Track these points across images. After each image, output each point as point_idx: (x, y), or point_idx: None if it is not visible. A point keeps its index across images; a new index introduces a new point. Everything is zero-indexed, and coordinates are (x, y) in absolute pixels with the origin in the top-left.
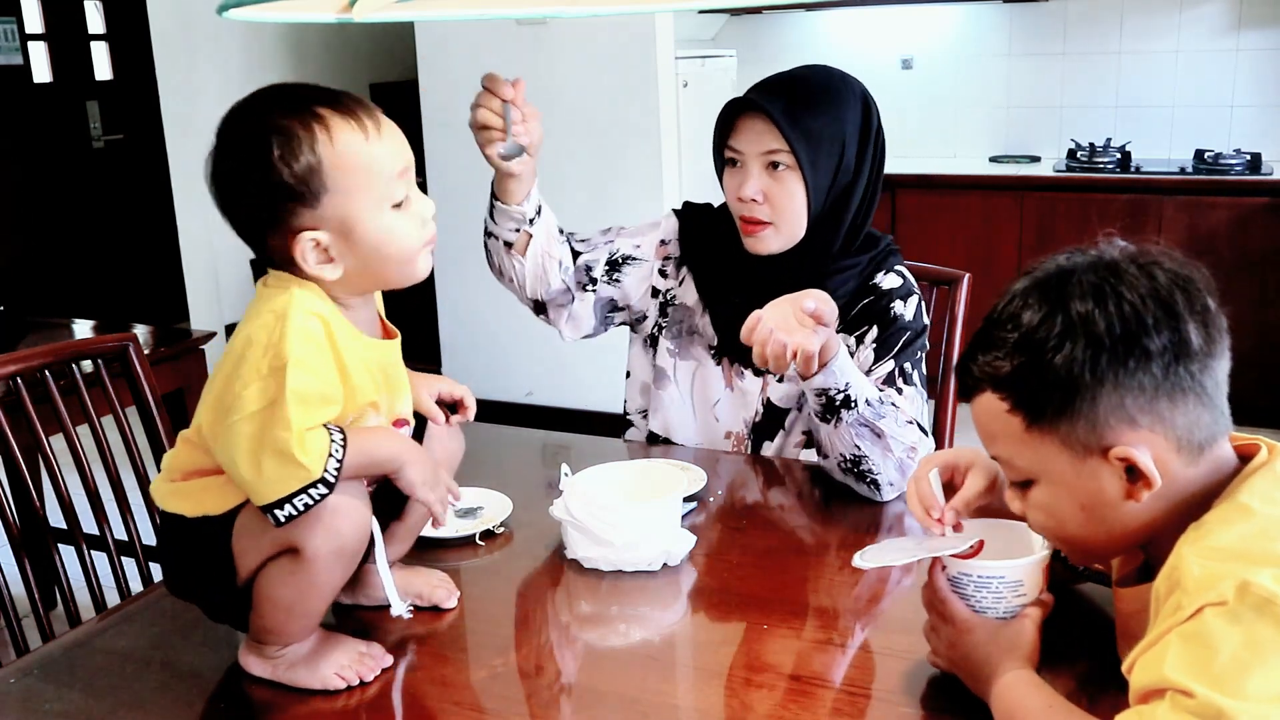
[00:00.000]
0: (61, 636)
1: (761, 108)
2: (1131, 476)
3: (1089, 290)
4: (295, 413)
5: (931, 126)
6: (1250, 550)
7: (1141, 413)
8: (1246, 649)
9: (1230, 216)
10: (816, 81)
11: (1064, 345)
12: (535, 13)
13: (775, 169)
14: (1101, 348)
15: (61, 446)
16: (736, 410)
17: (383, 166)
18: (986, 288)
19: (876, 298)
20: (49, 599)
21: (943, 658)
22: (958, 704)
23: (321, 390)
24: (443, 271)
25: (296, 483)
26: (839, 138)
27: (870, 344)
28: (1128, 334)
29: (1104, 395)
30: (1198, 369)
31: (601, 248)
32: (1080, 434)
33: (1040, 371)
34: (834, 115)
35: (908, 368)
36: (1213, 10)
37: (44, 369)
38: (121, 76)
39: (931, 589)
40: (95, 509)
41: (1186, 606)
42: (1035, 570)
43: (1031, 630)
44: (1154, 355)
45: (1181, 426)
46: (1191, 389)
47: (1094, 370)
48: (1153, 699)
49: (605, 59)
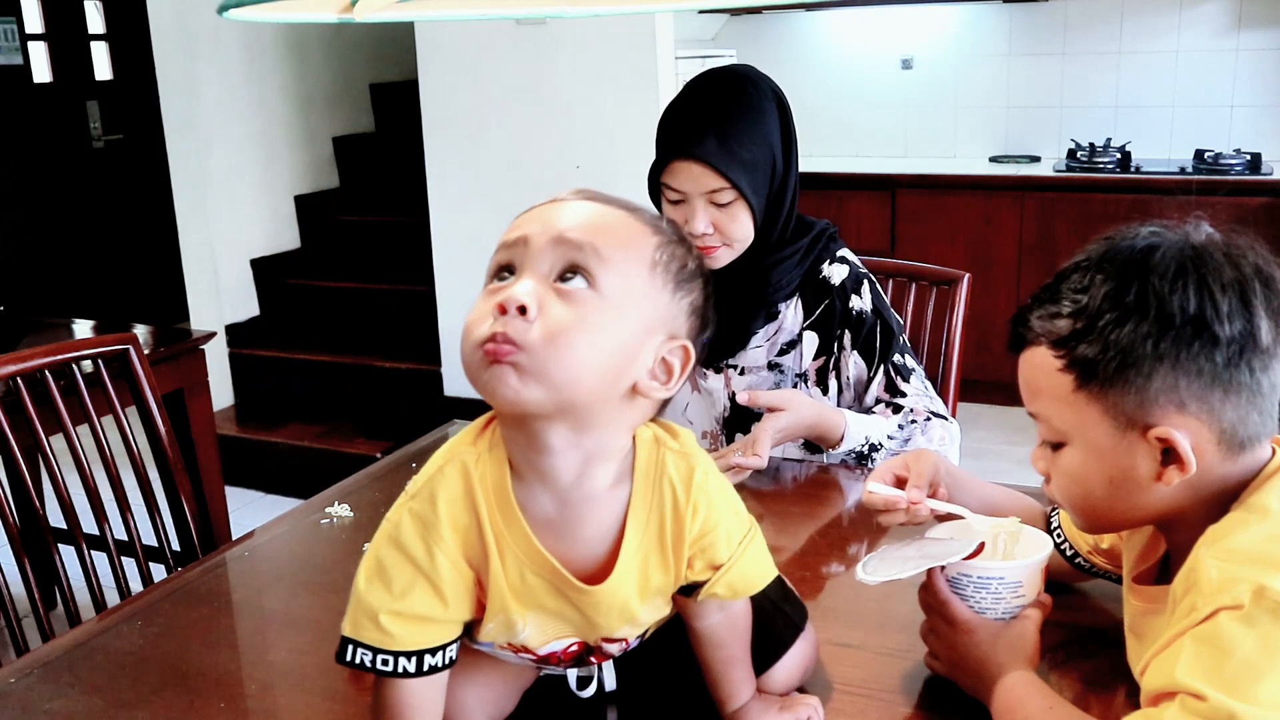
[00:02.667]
0: (61, 636)
1: (696, 156)
2: (1166, 459)
3: (1171, 268)
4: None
5: (931, 126)
6: (1267, 554)
7: (1193, 398)
8: (1260, 653)
9: (1230, 216)
10: (737, 103)
11: (1133, 317)
12: (535, 13)
13: (720, 204)
14: (1170, 325)
15: (61, 446)
16: (706, 410)
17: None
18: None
19: (832, 298)
20: (49, 599)
21: (942, 660)
22: (957, 704)
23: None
24: (443, 271)
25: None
26: (769, 154)
27: (850, 349)
28: (1200, 317)
29: (1160, 373)
30: (1259, 366)
31: None
32: (1127, 406)
33: (1102, 337)
34: (760, 135)
35: (898, 360)
36: (1213, 10)
37: (44, 369)
38: (121, 76)
39: (930, 590)
40: (95, 509)
41: (1201, 609)
42: (1035, 571)
43: (1033, 632)
44: (1221, 343)
45: (1228, 420)
46: (1248, 385)
47: (1156, 345)
48: (1163, 701)
49: (605, 59)
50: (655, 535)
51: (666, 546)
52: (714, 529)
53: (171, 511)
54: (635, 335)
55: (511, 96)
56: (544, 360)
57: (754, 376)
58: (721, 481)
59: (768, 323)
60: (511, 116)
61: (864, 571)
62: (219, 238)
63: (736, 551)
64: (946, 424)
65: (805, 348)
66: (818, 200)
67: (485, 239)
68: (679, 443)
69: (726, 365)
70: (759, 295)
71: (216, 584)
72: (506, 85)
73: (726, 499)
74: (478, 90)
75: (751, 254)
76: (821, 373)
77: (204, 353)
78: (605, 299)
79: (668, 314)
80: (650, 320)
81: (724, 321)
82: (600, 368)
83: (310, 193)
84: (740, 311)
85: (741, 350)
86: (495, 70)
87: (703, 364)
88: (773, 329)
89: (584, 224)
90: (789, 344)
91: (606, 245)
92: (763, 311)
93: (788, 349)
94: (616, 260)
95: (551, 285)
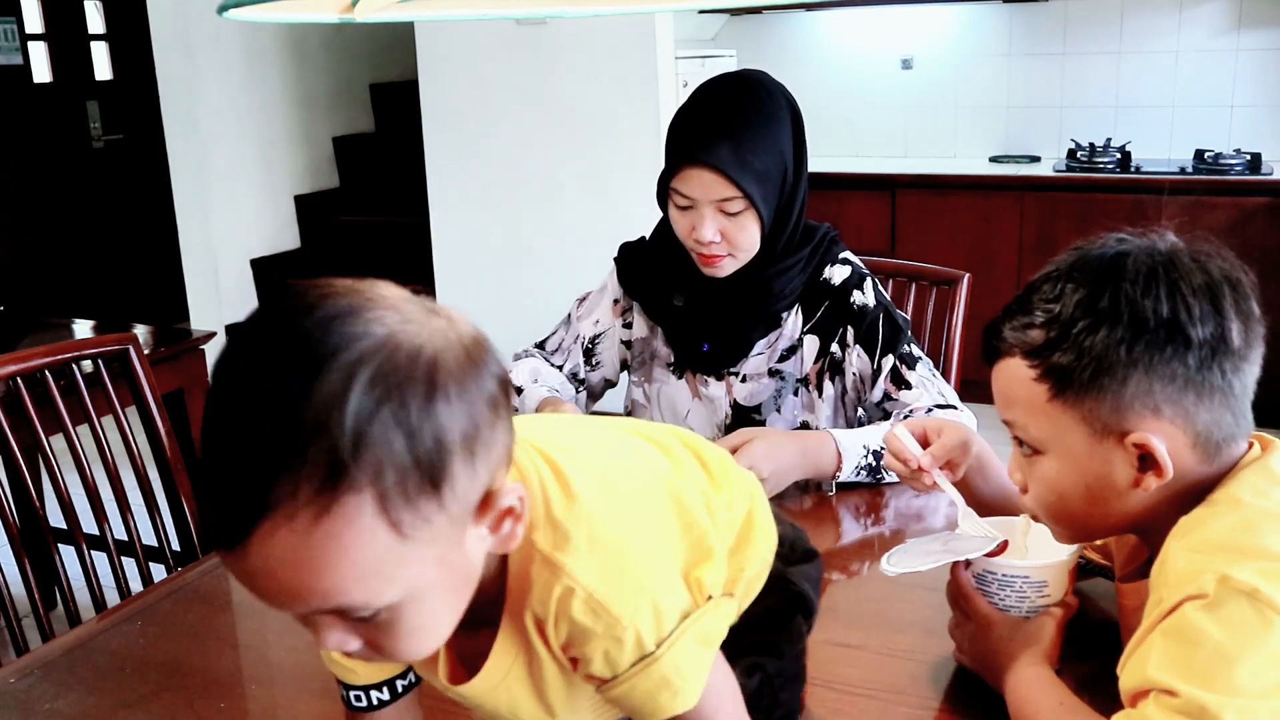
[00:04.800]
0: (61, 636)
1: (708, 163)
2: (1143, 465)
3: (1142, 274)
4: None
5: (931, 126)
6: (1234, 542)
7: (1167, 402)
8: (1228, 641)
9: (1230, 216)
10: (752, 111)
11: (1105, 323)
12: (535, 13)
13: (729, 213)
14: (1143, 330)
15: (61, 446)
16: (708, 417)
17: None
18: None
19: (834, 297)
20: (49, 599)
21: (965, 653)
22: (958, 704)
23: None
24: (443, 271)
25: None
26: (782, 163)
27: (854, 344)
28: (1173, 321)
29: (1135, 378)
30: (1230, 368)
31: (574, 347)
32: (1103, 413)
33: (1076, 345)
34: (773, 144)
35: (905, 351)
36: (1213, 10)
37: (44, 369)
38: (121, 76)
39: (955, 585)
40: (95, 509)
41: (1167, 600)
42: (1060, 572)
43: (1052, 629)
44: (1194, 346)
45: (1203, 423)
46: (1220, 388)
47: (1130, 351)
48: (1140, 700)
49: (605, 59)
50: (525, 638)
51: (551, 650)
52: (581, 646)
53: (171, 511)
54: (464, 563)
55: (511, 96)
56: (399, 655)
57: (755, 384)
58: (597, 605)
59: (769, 330)
60: (511, 116)
61: (888, 563)
62: (219, 238)
63: (625, 673)
64: (956, 414)
65: (806, 352)
66: (818, 200)
67: (485, 239)
68: (563, 557)
69: (728, 373)
70: (761, 305)
71: (216, 584)
72: (506, 85)
73: (602, 622)
74: (478, 90)
75: (755, 263)
76: (821, 375)
77: (204, 353)
78: (415, 600)
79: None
80: (465, 549)
81: (725, 331)
82: (452, 620)
83: (310, 193)
84: (742, 321)
85: (743, 359)
86: (495, 70)
87: (705, 372)
88: (774, 336)
89: (331, 585)
90: (789, 350)
91: (378, 581)
92: (764, 321)
93: (788, 355)
94: (414, 558)
95: (353, 621)
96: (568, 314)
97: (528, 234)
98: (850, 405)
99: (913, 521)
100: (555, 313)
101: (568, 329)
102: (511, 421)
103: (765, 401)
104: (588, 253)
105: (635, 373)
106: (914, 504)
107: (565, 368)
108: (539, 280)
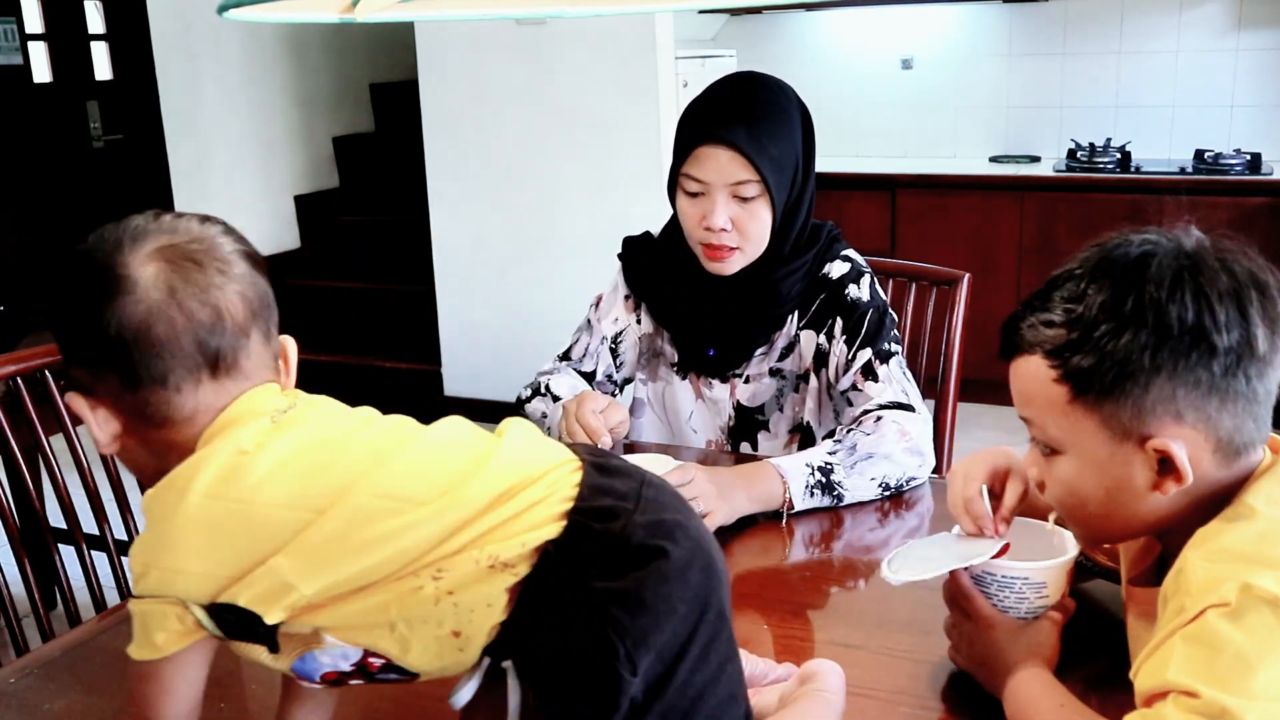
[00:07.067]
0: (61, 636)
1: (727, 140)
2: (1163, 470)
3: (1168, 277)
4: None
5: (931, 126)
6: (1253, 552)
7: (1190, 408)
8: (1250, 648)
9: (1230, 216)
10: (766, 102)
11: (1130, 327)
12: (535, 13)
13: (743, 198)
14: (1167, 336)
15: (61, 446)
16: (711, 419)
17: None
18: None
19: (830, 290)
20: (49, 599)
21: (962, 654)
22: (958, 704)
23: None
24: (443, 271)
25: None
26: (794, 156)
27: (840, 336)
28: (1198, 328)
29: (1158, 383)
30: (1255, 373)
31: (601, 349)
32: (1124, 417)
33: (1099, 348)
34: (788, 135)
35: (883, 348)
36: (1213, 10)
37: (44, 369)
38: (121, 76)
39: (955, 585)
40: (95, 509)
41: (1189, 609)
42: (1059, 573)
43: (1052, 632)
44: (1219, 353)
45: (1225, 429)
46: (1244, 393)
47: (1154, 357)
48: (1156, 702)
49: (605, 59)
50: None
51: None
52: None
53: None
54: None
55: (511, 96)
56: None
57: (757, 384)
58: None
59: (774, 332)
60: (511, 116)
61: (888, 569)
62: None
63: None
64: (907, 416)
65: (803, 348)
66: (818, 200)
67: (485, 238)
68: None
69: (732, 375)
70: (768, 308)
71: None
72: (506, 85)
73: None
74: (478, 90)
75: (762, 266)
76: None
77: None
78: None
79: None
80: None
81: (731, 334)
82: None
83: (310, 193)
84: (748, 325)
85: (746, 362)
86: (495, 70)
87: (709, 375)
88: (775, 335)
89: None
90: (788, 347)
91: None
92: (770, 324)
93: (787, 352)
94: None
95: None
96: (586, 319)
97: (527, 233)
98: (838, 398)
99: (913, 522)
100: (554, 312)
101: (590, 333)
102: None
103: (768, 401)
104: (587, 252)
105: (642, 370)
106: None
107: (598, 373)
108: (538, 279)
